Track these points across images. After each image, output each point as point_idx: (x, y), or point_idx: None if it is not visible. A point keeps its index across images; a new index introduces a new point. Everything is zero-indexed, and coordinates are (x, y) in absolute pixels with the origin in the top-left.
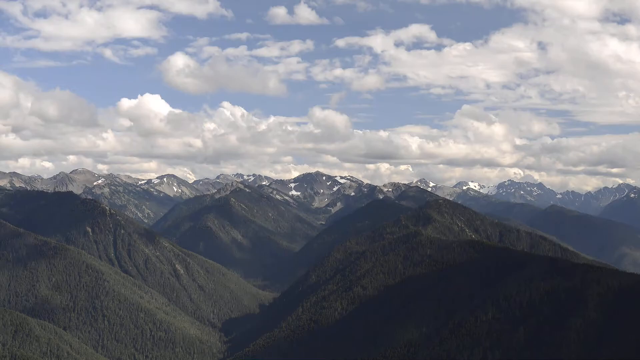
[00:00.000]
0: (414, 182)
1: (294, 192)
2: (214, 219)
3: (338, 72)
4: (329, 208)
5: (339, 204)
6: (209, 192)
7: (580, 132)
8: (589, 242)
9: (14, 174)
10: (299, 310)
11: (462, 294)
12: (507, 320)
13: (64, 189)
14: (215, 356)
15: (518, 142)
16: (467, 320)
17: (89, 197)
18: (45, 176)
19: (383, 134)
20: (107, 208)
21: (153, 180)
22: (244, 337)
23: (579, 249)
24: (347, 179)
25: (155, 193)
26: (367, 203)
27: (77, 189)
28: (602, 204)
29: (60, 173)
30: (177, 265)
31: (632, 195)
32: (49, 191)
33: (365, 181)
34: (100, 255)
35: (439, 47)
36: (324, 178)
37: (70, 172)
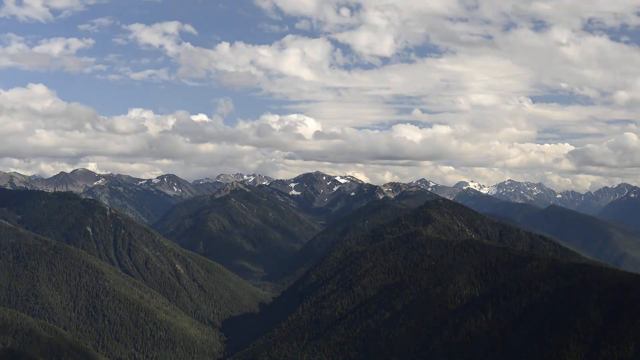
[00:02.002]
0: (414, 182)
1: (294, 192)
2: (214, 219)
3: (149, 71)
4: (329, 208)
5: (339, 204)
6: (209, 192)
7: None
8: (589, 242)
9: (14, 173)
10: (299, 310)
11: (462, 294)
12: (507, 320)
13: (64, 189)
14: (215, 356)
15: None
16: (467, 320)
17: (89, 197)
18: (45, 176)
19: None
20: (107, 208)
21: (153, 180)
22: (244, 337)
23: (579, 249)
24: (347, 178)
25: (155, 193)
26: (367, 203)
27: (77, 189)
28: (602, 204)
29: (60, 173)
30: (177, 265)
31: (632, 195)
32: (49, 191)
33: (366, 181)
34: (101, 255)
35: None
36: (324, 178)
37: (71, 172)
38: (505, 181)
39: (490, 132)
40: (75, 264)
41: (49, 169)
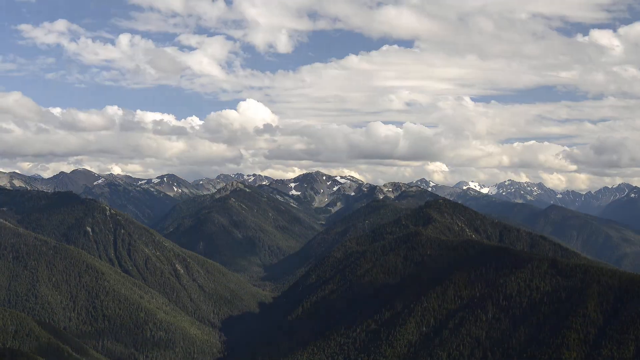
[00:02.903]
0: (414, 182)
1: (294, 192)
2: (214, 219)
3: (62, 72)
4: (329, 208)
5: (339, 204)
6: (208, 192)
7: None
8: (589, 242)
9: (14, 174)
10: (299, 310)
11: (462, 294)
12: (507, 320)
13: (64, 189)
14: (215, 356)
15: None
16: (467, 320)
17: (89, 197)
18: (45, 176)
19: None
20: (107, 208)
21: (153, 180)
22: (244, 337)
23: (579, 249)
24: (347, 178)
25: (155, 193)
26: (367, 203)
27: (77, 189)
28: (602, 204)
29: (60, 173)
30: (177, 265)
31: (632, 195)
32: (49, 191)
33: (366, 181)
34: (101, 255)
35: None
36: (324, 178)
37: (71, 172)
38: (505, 181)
39: (460, 131)
40: (75, 264)
41: (24, 167)
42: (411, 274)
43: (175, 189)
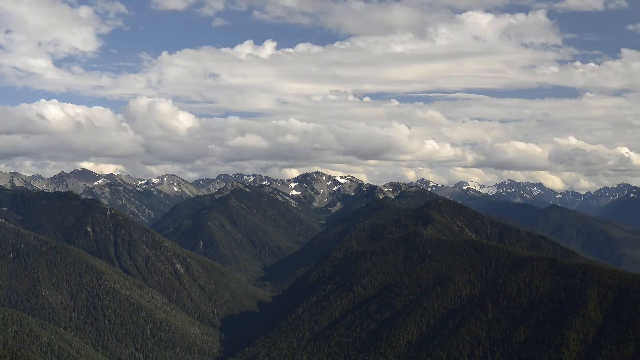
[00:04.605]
0: (414, 182)
1: (294, 192)
2: (214, 218)
3: None
4: (329, 208)
5: (339, 204)
6: (209, 192)
7: None
8: (589, 242)
9: (14, 173)
10: (299, 310)
11: (462, 294)
12: (507, 320)
13: (64, 189)
14: (215, 355)
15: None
16: (467, 320)
17: (89, 197)
18: (45, 176)
19: None
20: (108, 208)
21: (153, 180)
22: (244, 337)
23: (579, 249)
24: (347, 178)
25: (155, 193)
26: (367, 203)
27: (77, 189)
28: (601, 204)
29: (60, 173)
30: (177, 265)
31: (632, 195)
32: (49, 191)
33: (366, 181)
34: (101, 255)
35: None
36: (324, 178)
37: (71, 172)
38: (505, 181)
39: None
40: (75, 264)
41: None
42: (411, 274)
43: (176, 189)
